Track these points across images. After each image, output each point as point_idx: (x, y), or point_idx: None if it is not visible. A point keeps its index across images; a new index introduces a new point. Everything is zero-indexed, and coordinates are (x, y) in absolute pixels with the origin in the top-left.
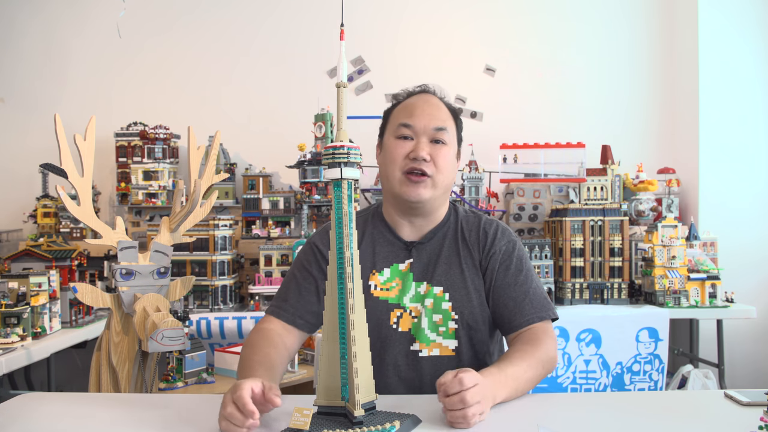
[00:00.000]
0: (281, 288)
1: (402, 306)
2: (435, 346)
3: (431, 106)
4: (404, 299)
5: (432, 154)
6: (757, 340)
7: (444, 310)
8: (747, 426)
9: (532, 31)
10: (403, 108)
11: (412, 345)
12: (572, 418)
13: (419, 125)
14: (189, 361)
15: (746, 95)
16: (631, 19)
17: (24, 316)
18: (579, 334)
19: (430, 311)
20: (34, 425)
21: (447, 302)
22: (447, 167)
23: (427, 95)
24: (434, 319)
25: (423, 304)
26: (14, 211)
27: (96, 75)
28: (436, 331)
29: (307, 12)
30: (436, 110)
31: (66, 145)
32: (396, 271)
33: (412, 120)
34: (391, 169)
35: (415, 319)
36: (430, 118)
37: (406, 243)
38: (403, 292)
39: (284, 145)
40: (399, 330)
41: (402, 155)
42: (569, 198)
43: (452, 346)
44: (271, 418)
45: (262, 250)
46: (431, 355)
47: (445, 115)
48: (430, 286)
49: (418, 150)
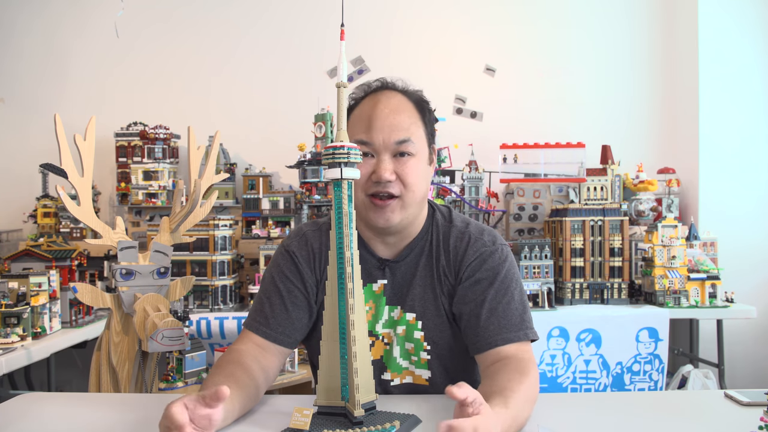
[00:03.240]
0: (260, 300)
1: (374, 334)
2: (407, 374)
3: (390, 113)
4: (377, 326)
5: (397, 171)
6: (757, 340)
7: (416, 339)
8: (747, 426)
9: (532, 31)
10: (359, 118)
11: (383, 374)
12: (572, 418)
13: (378, 141)
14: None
15: (746, 95)
16: (631, 19)
17: (24, 316)
18: (579, 334)
19: (402, 339)
20: (34, 425)
21: (419, 331)
22: (417, 182)
23: (386, 93)
24: (406, 347)
25: (395, 331)
26: (14, 211)
27: (96, 75)
28: (408, 359)
29: (307, 12)
30: (396, 116)
31: (66, 145)
32: (369, 293)
33: (369, 136)
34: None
35: (387, 347)
36: (390, 131)
37: (379, 260)
38: (376, 318)
39: (284, 145)
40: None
41: (364, 176)
42: (569, 198)
43: (425, 376)
44: (271, 418)
45: (262, 250)
46: (404, 383)
47: (407, 120)
48: (402, 312)
49: (380, 171)
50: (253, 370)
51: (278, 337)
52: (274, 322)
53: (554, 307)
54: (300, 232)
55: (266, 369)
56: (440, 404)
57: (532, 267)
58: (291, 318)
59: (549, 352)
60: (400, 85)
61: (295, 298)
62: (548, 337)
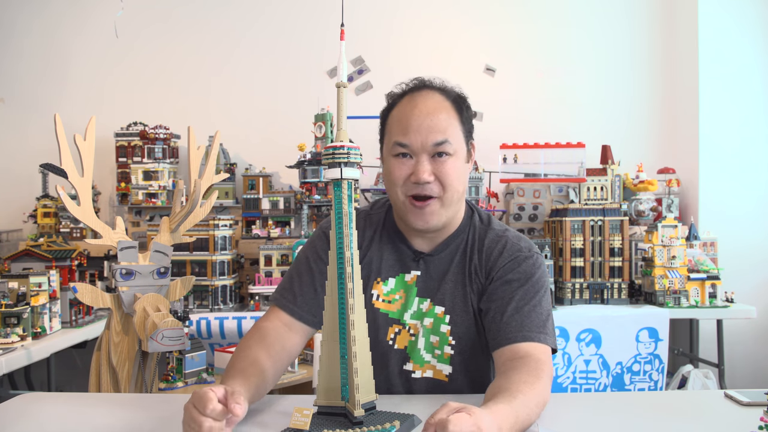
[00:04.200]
0: (291, 276)
1: (402, 323)
2: (429, 368)
3: (427, 115)
4: (405, 315)
5: (435, 172)
6: (757, 340)
7: (442, 333)
8: (747, 426)
9: (532, 31)
10: (397, 120)
11: (405, 364)
12: (572, 418)
13: (416, 144)
14: (189, 361)
15: (746, 95)
16: (631, 19)
17: (24, 316)
18: (579, 334)
19: (428, 331)
20: (34, 425)
21: (446, 325)
22: (455, 181)
23: (423, 93)
24: (431, 340)
25: (422, 322)
26: (14, 211)
27: (96, 75)
28: (432, 353)
29: (307, 12)
30: (433, 118)
31: (66, 145)
32: (401, 283)
33: (407, 138)
34: (393, 191)
35: (412, 337)
36: (427, 133)
37: (415, 252)
38: (405, 308)
39: (284, 145)
40: (395, 347)
41: (402, 177)
42: (569, 198)
43: (446, 372)
44: (271, 418)
45: (262, 250)
46: (424, 377)
47: (445, 121)
48: (432, 304)
49: (419, 173)
50: (277, 350)
51: (304, 315)
52: (301, 300)
53: (554, 307)
54: None
55: (289, 349)
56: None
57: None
58: (318, 298)
59: None
60: (438, 83)
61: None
62: None
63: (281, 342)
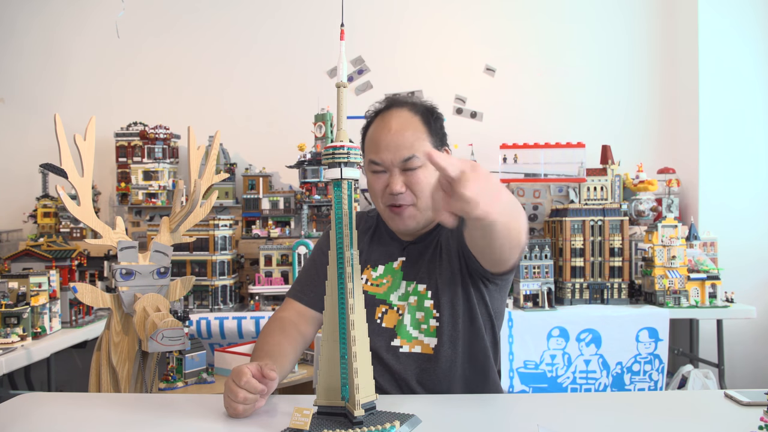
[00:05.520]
0: (303, 272)
1: (388, 303)
2: (416, 343)
3: (395, 133)
4: (391, 296)
5: (407, 184)
6: (757, 340)
7: (426, 307)
8: (747, 426)
9: (532, 31)
10: (371, 139)
11: (392, 340)
12: (572, 418)
13: (387, 161)
14: (189, 361)
15: (746, 95)
16: (631, 19)
17: (24, 316)
18: (579, 334)
19: (414, 308)
20: (34, 425)
21: (429, 300)
22: (426, 189)
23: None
24: (417, 316)
25: (407, 301)
26: (14, 211)
27: (96, 75)
28: (418, 329)
29: (307, 12)
30: (400, 136)
31: (66, 145)
32: (389, 269)
33: (378, 156)
34: (375, 201)
35: (400, 316)
36: (395, 151)
37: (402, 242)
38: (392, 290)
39: (284, 145)
40: (382, 325)
41: (380, 190)
42: (569, 198)
43: (432, 344)
44: (271, 418)
45: (262, 250)
46: (413, 352)
47: (411, 137)
48: (415, 284)
49: (391, 185)
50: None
51: (311, 301)
52: (308, 289)
53: (554, 307)
54: None
55: (305, 335)
56: (440, 404)
57: (532, 267)
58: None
59: (549, 352)
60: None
61: None
62: (548, 337)
63: (297, 329)
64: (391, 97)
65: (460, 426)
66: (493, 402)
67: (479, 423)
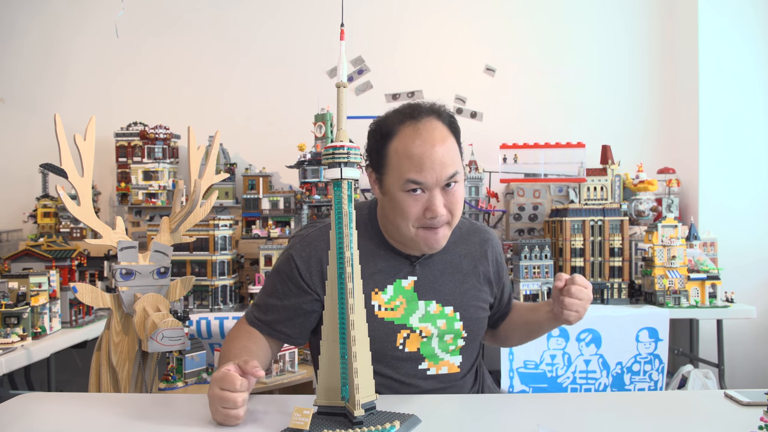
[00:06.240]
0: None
1: (409, 327)
2: (444, 364)
3: (437, 150)
4: (410, 319)
5: (446, 203)
6: (757, 340)
7: (456, 329)
8: (747, 426)
9: (532, 31)
10: (406, 156)
11: (420, 364)
12: (572, 418)
13: (431, 180)
14: (189, 361)
15: (746, 95)
16: (631, 19)
17: (24, 316)
18: (579, 334)
19: (443, 332)
20: (34, 425)
21: (459, 321)
22: (461, 205)
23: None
24: (446, 339)
25: (435, 324)
26: (14, 211)
27: (96, 75)
28: (446, 350)
29: (307, 12)
30: (444, 152)
31: (66, 145)
32: (399, 289)
33: (422, 176)
34: (403, 224)
35: (424, 339)
36: (441, 169)
37: (408, 257)
38: (410, 312)
39: (284, 145)
40: (406, 350)
41: (416, 212)
42: (569, 198)
43: (457, 363)
44: (271, 418)
45: (262, 250)
46: (439, 374)
47: (452, 152)
48: (440, 306)
49: (435, 208)
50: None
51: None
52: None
53: None
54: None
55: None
56: (440, 404)
57: (532, 267)
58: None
59: (549, 352)
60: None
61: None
62: (548, 337)
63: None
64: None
65: (460, 426)
66: (493, 402)
67: (479, 423)
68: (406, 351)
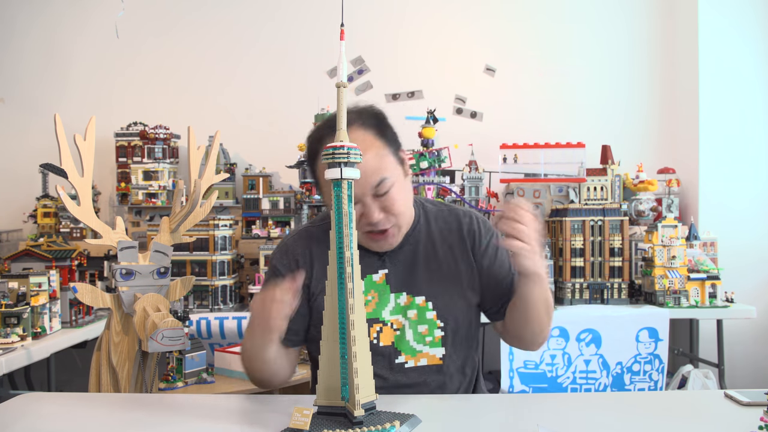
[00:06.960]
0: None
1: (381, 320)
2: (422, 357)
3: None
4: (383, 313)
5: (383, 208)
6: (757, 340)
7: (429, 319)
8: (747, 426)
9: (532, 31)
10: None
11: (397, 358)
12: (572, 418)
13: (357, 193)
14: (189, 361)
15: (746, 95)
16: (631, 19)
17: (24, 316)
18: (579, 334)
19: (415, 323)
20: (34, 425)
21: (431, 311)
22: (402, 206)
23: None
24: (419, 330)
25: (405, 316)
26: (14, 211)
27: (96, 75)
28: (423, 342)
29: (307, 12)
30: (367, 162)
31: (66, 145)
32: (370, 284)
33: None
34: None
35: (397, 332)
36: (364, 179)
37: (377, 253)
38: (381, 306)
39: (284, 145)
40: (380, 345)
41: (357, 221)
42: (569, 198)
43: (439, 354)
44: (271, 418)
45: (262, 250)
46: (419, 365)
47: (374, 159)
48: (411, 296)
49: (369, 216)
50: None
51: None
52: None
53: (554, 307)
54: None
55: None
56: (440, 404)
57: None
58: None
59: (549, 352)
60: (355, 111)
61: None
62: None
63: None
64: (330, 119)
65: (460, 426)
66: (493, 402)
67: (479, 423)
68: (381, 345)
